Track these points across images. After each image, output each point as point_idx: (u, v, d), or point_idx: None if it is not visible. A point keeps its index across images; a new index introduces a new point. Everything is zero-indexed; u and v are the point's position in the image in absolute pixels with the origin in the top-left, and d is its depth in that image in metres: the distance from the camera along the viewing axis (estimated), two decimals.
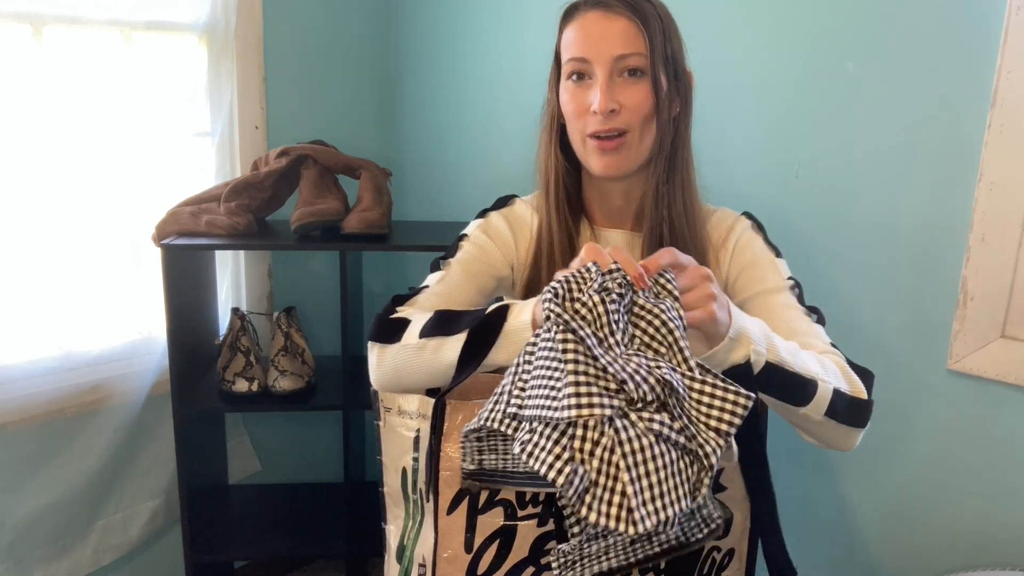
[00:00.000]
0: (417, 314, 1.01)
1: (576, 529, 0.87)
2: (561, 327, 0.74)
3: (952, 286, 1.32)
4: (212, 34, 1.78)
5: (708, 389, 0.75)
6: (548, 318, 0.76)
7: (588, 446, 0.71)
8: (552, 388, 0.73)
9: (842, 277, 1.44)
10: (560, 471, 0.69)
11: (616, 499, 0.70)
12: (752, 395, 0.75)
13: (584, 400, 0.71)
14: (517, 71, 1.88)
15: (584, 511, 0.70)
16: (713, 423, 0.74)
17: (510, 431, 0.76)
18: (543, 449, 0.71)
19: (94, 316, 1.70)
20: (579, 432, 0.71)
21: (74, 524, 1.72)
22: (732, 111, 1.53)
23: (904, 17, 1.32)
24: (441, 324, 0.96)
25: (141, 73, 1.70)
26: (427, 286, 1.10)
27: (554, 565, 0.85)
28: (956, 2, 1.26)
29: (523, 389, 0.77)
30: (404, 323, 1.00)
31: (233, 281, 1.97)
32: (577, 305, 0.76)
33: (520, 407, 0.76)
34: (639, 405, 0.72)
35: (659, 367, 0.73)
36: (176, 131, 1.78)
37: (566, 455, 0.70)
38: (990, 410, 1.31)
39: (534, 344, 0.78)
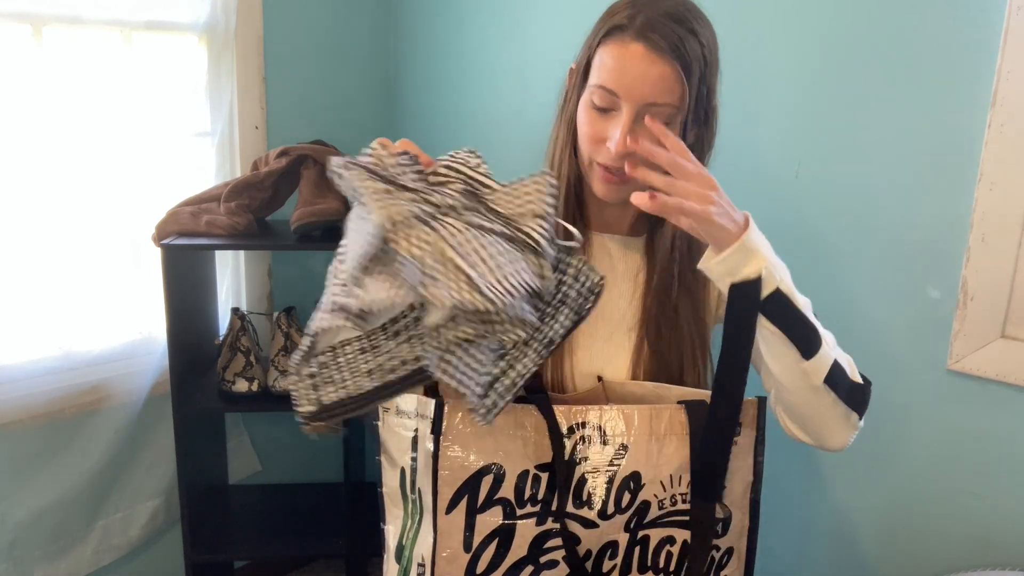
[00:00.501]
0: None
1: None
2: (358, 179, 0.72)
3: (952, 286, 1.32)
4: (212, 34, 1.78)
5: (510, 188, 0.76)
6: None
7: (415, 244, 0.69)
8: (362, 233, 0.71)
9: (842, 277, 1.44)
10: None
11: (458, 278, 0.68)
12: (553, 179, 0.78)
13: (390, 202, 0.70)
14: (517, 71, 1.88)
15: (430, 297, 0.67)
16: (529, 208, 0.74)
17: (343, 322, 0.72)
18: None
19: (94, 316, 1.70)
20: (401, 236, 0.68)
21: (74, 524, 1.72)
22: (732, 111, 1.52)
23: (904, 17, 1.32)
24: None
25: (141, 73, 1.70)
26: None
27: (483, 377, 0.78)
28: (956, 2, 1.26)
29: (339, 273, 0.74)
30: None
31: (233, 281, 1.97)
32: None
33: (342, 283, 0.72)
34: (447, 211, 0.71)
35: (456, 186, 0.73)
36: (176, 131, 1.78)
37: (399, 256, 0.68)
38: (990, 410, 1.31)
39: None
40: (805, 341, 0.90)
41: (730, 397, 0.92)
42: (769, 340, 0.91)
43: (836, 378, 0.92)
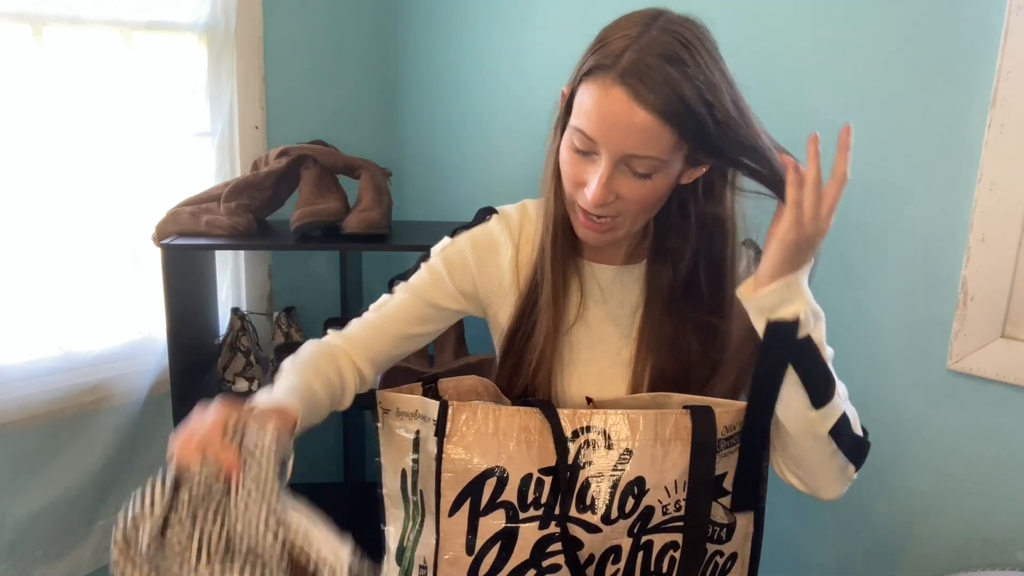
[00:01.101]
0: (308, 348, 1.04)
1: None
2: None
3: (952, 286, 1.32)
4: (212, 34, 1.78)
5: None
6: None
7: None
8: None
9: (842, 277, 1.44)
10: None
11: None
12: None
13: None
14: (517, 71, 1.88)
15: None
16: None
17: None
18: None
19: (94, 316, 1.70)
20: None
21: (74, 524, 1.72)
22: None
23: (904, 17, 1.32)
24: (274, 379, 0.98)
25: (141, 73, 1.70)
26: (367, 310, 1.10)
27: None
28: (956, 2, 1.26)
29: None
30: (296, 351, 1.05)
31: (233, 281, 1.97)
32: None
33: None
34: None
35: None
36: (176, 131, 1.78)
37: None
38: (990, 410, 1.31)
39: None
40: (820, 392, 0.89)
41: (761, 432, 0.92)
42: (785, 382, 0.90)
43: (841, 430, 0.91)
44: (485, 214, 1.10)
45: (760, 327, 0.88)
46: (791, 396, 0.90)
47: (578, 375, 1.04)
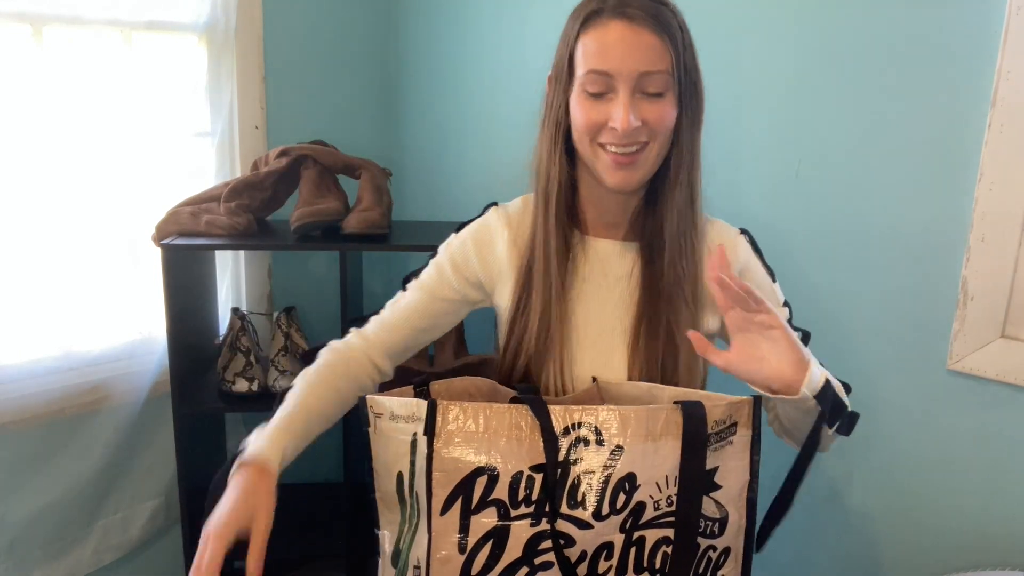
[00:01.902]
0: (323, 356, 1.15)
1: None
2: None
3: (952, 286, 1.32)
4: (212, 34, 1.78)
5: None
6: None
7: None
8: None
9: (842, 277, 1.44)
10: None
11: None
12: None
13: None
14: (517, 71, 1.88)
15: None
16: None
17: None
18: None
19: (94, 316, 1.70)
20: None
21: (74, 524, 1.72)
22: (732, 111, 1.52)
23: (904, 17, 1.32)
24: (281, 399, 1.09)
25: (141, 73, 1.70)
26: (383, 308, 1.18)
27: None
28: (956, 2, 1.26)
29: None
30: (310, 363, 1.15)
31: (233, 281, 1.97)
32: None
33: None
34: None
35: None
36: (176, 131, 1.78)
37: None
38: (990, 410, 1.31)
39: None
40: (833, 415, 0.96)
41: (794, 483, 0.97)
42: (801, 408, 0.95)
43: (840, 420, 0.97)
44: (486, 208, 1.18)
45: (812, 404, 0.93)
46: (805, 423, 0.98)
47: (581, 348, 1.09)
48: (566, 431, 0.92)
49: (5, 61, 1.52)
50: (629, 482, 0.92)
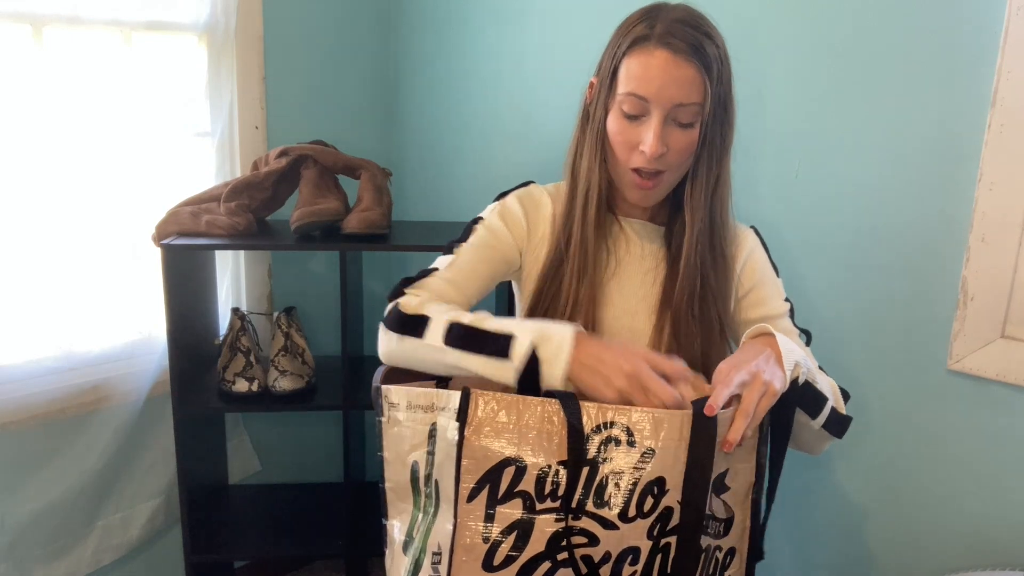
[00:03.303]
0: (433, 307, 1.06)
1: None
2: None
3: (952, 286, 1.32)
4: (212, 34, 1.78)
5: None
6: None
7: None
8: None
9: (842, 277, 1.44)
10: None
11: None
12: None
13: None
14: (517, 71, 1.88)
15: None
16: None
17: None
18: None
19: (94, 316, 1.70)
20: None
21: (74, 524, 1.72)
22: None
23: (904, 17, 1.32)
24: (465, 338, 1.01)
25: (141, 73, 1.70)
26: (436, 268, 1.14)
27: None
28: (956, 2, 1.26)
29: None
30: (424, 320, 1.05)
31: (233, 281, 1.97)
32: None
33: None
34: None
35: None
36: (176, 131, 1.78)
37: None
38: (990, 410, 1.31)
39: None
40: (816, 409, 1.00)
41: (775, 470, 1.01)
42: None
43: (831, 420, 1.01)
44: (525, 183, 1.23)
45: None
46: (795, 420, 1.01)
47: (612, 317, 1.14)
48: (597, 429, 0.92)
49: (5, 61, 1.52)
50: (658, 486, 0.91)
